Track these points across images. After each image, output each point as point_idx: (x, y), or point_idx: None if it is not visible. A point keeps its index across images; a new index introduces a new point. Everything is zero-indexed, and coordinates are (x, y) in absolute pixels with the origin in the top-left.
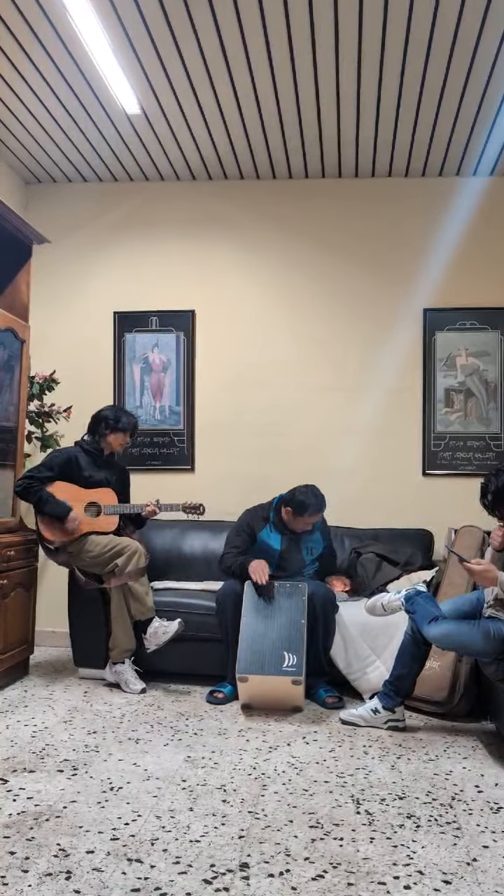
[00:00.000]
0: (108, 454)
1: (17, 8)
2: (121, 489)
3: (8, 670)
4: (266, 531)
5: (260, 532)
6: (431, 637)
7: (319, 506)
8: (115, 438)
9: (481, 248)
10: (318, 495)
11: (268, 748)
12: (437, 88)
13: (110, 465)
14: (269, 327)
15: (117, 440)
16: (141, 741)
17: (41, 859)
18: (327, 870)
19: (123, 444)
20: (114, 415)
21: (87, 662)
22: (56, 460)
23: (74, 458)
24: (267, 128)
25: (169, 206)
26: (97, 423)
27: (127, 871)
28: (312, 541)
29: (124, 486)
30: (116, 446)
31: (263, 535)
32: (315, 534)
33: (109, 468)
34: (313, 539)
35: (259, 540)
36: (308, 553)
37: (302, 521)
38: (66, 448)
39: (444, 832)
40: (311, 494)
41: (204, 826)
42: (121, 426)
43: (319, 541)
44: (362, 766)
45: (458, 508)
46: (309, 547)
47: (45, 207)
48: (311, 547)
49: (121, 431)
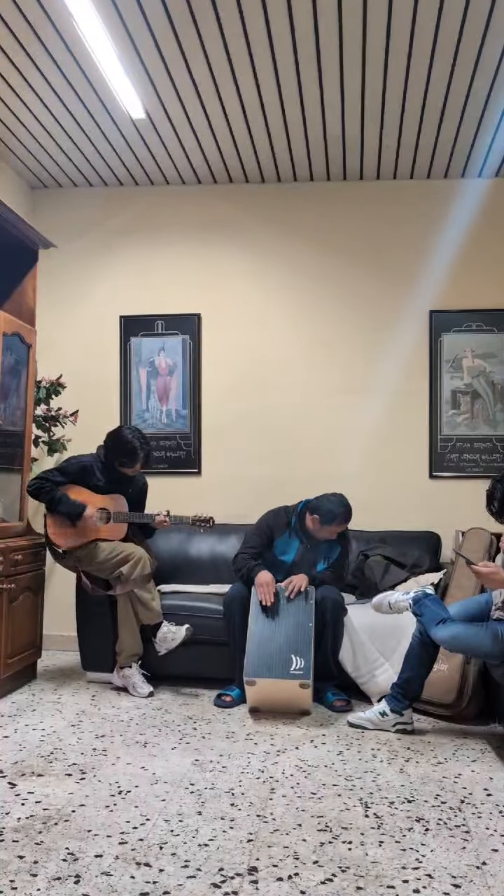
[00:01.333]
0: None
1: (23, 14)
2: (137, 498)
3: (16, 674)
4: (285, 537)
5: (279, 537)
6: (439, 639)
7: (347, 516)
8: (125, 470)
9: (487, 250)
10: (346, 505)
11: (276, 751)
12: (442, 90)
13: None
14: (274, 330)
15: (128, 471)
16: (149, 745)
17: (50, 863)
18: (336, 873)
19: (135, 472)
20: (121, 452)
21: (94, 666)
22: (72, 468)
23: (90, 467)
24: (272, 132)
25: (174, 210)
26: (109, 451)
27: (135, 875)
28: (331, 551)
29: (140, 495)
30: (129, 473)
31: (281, 541)
32: (336, 543)
33: (126, 481)
34: (332, 550)
35: (275, 545)
36: (324, 563)
37: (328, 530)
38: (83, 456)
39: (454, 835)
40: (339, 504)
41: (212, 830)
42: (127, 463)
43: (337, 548)
44: (371, 769)
45: (465, 511)
46: (325, 556)
47: (51, 212)
48: (328, 557)
49: (128, 467)
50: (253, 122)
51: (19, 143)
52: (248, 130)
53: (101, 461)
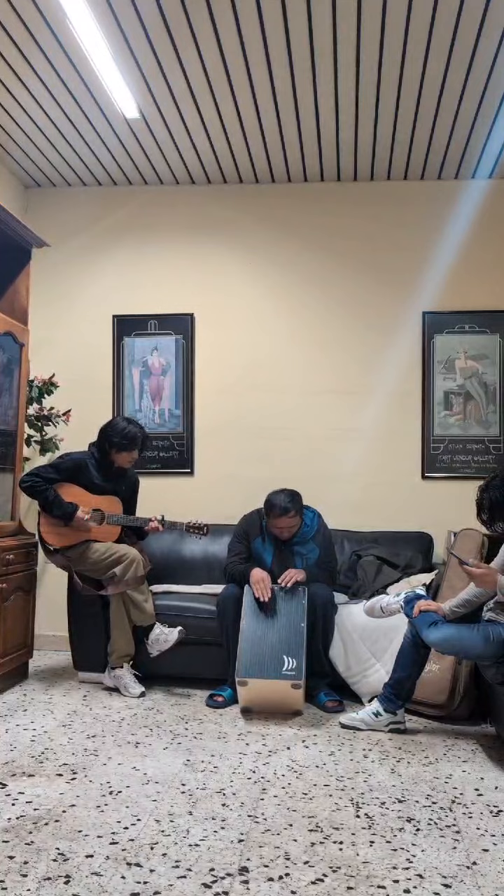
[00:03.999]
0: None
1: (17, 13)
2: (129, 496)
3: (7, 674)
4: (259, 540)
5: (254, 541)
6: (431, 641)
7: (286, 507)
8: (121, 457)
9: (481, 251)
10: (287, 496)
11: (267, 752)
12: (436, 90)
13: (120, 475)
14: (267, 330)
15: (125, 458)
16: (140, 745)
17: (40, 863)
18: (327, 874)
19: (131, 460)
20: (119, 436)
21: (86, 666)
22: (65, 465)
23: (84, 464)
24: (266, 132)
25: (168, 210)
26: (103, 440)
27: (126, 875)
28: (306, 550)
29: (132, 494)
30: (125, 463)
31: (257, 544)
32: (309, 543)
33: (119, 478)
34: (307, 548)
35: (253, 549)
36: (301, 562)
37: (273, 524)
38: (77, 453)
39: (444, 835)
40: (280, 496)
41: (203, 830)
42: (126, 447)
43: (314, 550)
44: (362, 769)
45: (458, 511)
46: (303, 556)
47: (44, 211)
48: (305, 556)
49: (125, 451)
50: (247, 122)
51: (13, 141)
52: (242, 130)
53: (95, 457)
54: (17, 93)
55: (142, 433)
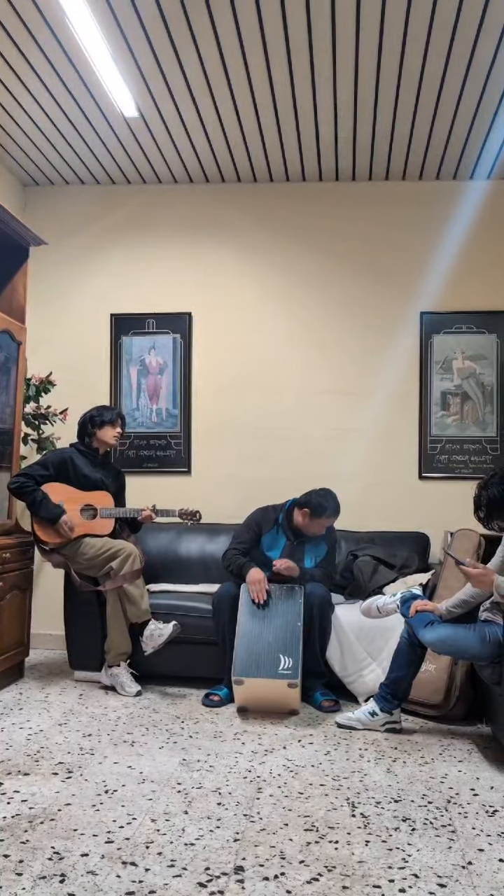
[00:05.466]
0: (104, 454)
1: (16, 12)
2: (116, 491)
3: (3, 673)
4: (272, 533)
5: (266, 533)
6: (427, 641)
7: (337, 509)
8: (105, 433)
9: (479, 251)
10: (335, 499)
11: (263, 751)
12: (434, 91)
13: (106, 466)
14: (265, 330)
15: (109, 434)
16: (136, 744)
17: (35, 862)
18: (322, 873)
19: (116, 436)
20: (96, 411)
21: (82, 665)
22: (52, 459)
23: (70, 458)
24: (264, 132)
25: (166, 210)
26: (84, 425)
27: (121, 874)
28: (317, 548)
29: (120, 488)
30: (110, 440)
31: (269, 537)
32: (321, 543)
33: (105, 469)
34: (318, 547)
35: (262, 542)
36: (311, 560)
37: (318, 523)
38: (61, 449)
39: (440, 835)
40: (329, 497)
41: (199, 829)
42: (107, 419)
43: (324, 549)
44: (358, 769)
45: (454, 512)
46: (312, 554)
47: (42, 210)
48: (314, 554)
49: (109, 424)
50: (246, 122)
51: (11, 140)
52: (240, 130)
53: (79, 449)
54: (17, 91)
55: (116, 407)
